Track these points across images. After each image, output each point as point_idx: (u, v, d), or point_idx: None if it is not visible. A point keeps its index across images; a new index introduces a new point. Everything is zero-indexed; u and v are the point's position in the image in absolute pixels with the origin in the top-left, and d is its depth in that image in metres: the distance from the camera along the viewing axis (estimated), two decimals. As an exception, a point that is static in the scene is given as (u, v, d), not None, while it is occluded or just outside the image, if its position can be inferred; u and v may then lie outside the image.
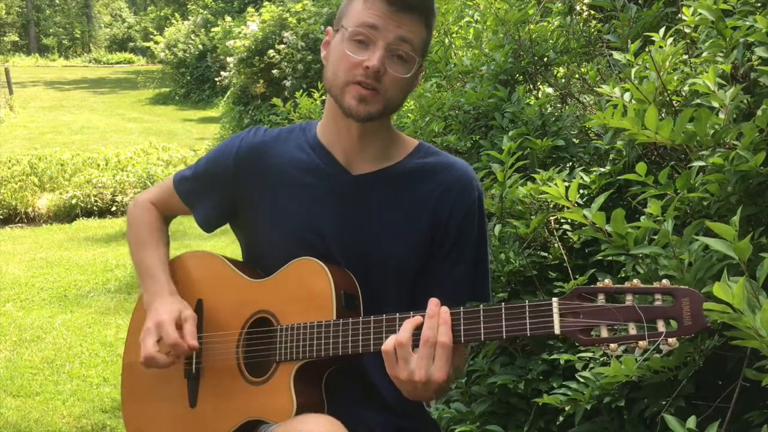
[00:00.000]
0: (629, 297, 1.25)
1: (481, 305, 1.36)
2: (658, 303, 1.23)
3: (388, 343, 1.37)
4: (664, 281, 1.25)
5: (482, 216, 1.68)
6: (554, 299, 1.30)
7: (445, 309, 1.37)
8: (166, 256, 1.79)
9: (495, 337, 1.34)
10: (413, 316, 1.39)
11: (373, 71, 1.48)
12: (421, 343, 1.35)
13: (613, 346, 1.24)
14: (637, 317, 1.23)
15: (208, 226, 1.78)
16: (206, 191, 1.74)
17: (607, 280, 1.29)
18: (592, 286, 1.30)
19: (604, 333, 1.26)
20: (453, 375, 1.39)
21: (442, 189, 1.62)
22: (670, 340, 1.20)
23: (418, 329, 1.36)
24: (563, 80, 3.07)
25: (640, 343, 1.22)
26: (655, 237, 1.68)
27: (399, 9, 1.49)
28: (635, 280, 1.28)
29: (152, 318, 1.63)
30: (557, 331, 1.28)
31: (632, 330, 1.24)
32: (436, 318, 1.36)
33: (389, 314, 1.43)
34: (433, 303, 1.38)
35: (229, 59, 14.52)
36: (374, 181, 1.62)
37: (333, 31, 1.59)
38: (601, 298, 1.27)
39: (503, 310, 1.33)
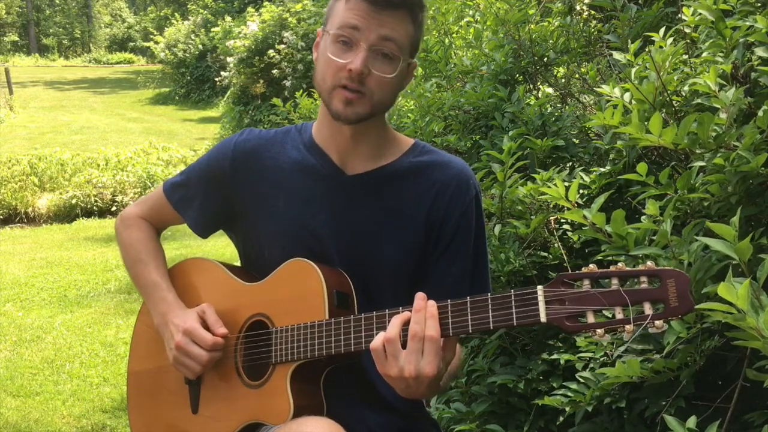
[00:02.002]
0: (615, 281, 1.23)
1: (468, 297, 1.35)
2: (644, 285, 1.21)
3: (377, 341, 1.36)
4: (649, 263, 1.23)
5: (480, 213, 1.67)
6: (539, 287, 1.28)
7: (431, 303, 1.36)
8: (166, 271, 1.78)
9: (483, 328, 1.33)
10: (402, 312, 1.39)
11: (356, 73, 1.47)
12: (408, 338, 1.34)
13: (599, 331, 1.22)
14: (623, 301, 1.21)
15: (203, 230, 1.76)
16: (200, 196, 1.72)
17: (592, 265, 1.27)
18: (576, 272, 1.28)
19: (590, 318, 1.24)
20: (444, 369, 1.38)
21: (438, 187, 1.62)
22: (657, 322, 1.18)
23: (407, 325, 1.36)
24: (563, 80, 3.07)
25: (627, 326, 1.20)
26: (655, 238, 1.68)
27: (381, 7, 1.47)
28: (620, 264, 1.26)
29: (177, 331, 1.63)
30: (543, 318, 1.26)
31: (618, 314, 1.22)
32: (423, 312, 1.35)
33: (379, 311, 1.43)
34: (419, 297, 1.37)
35: (229, 59, 14.53)
36: (369, 180, 1.62)
37: (321, 32, 1.58)
38: (586, 284, 1.25)
39: (489, 301, 1.32)
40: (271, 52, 12.83)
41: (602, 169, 2.28)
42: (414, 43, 1.56)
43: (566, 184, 1.88)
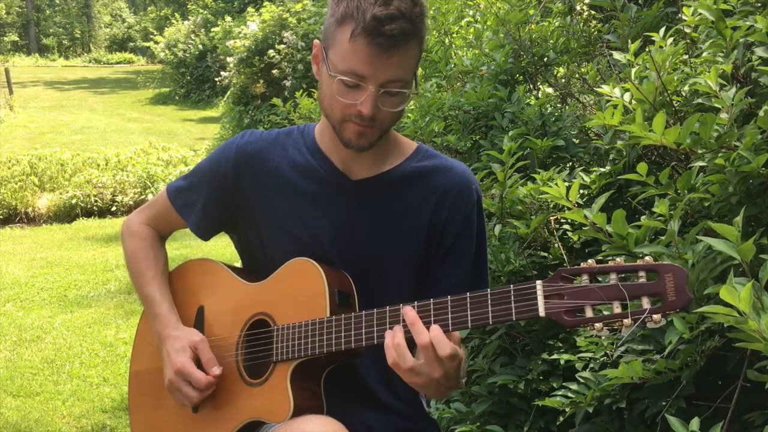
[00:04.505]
0: (613, 276, 1.24)
1: (468, 293, 1.36)
2: (642, 280, 1.22)
3: (401, 369, 1.37)
4: (647, 258, 1.24)
5: (481, 219, 1.67)
6: (538, 282, 1.29)
7: (435, 327, 1.35)
8: (163, 280, 1.77)
9: (482, 323, 1.34)
10: (403, 307, 1.40)
11: (367, 117, 1.46)
12: (420, 351, 1.35)
13: (598, 325, 1.23)
14: (621, 295, 1.22)
15: (205, 233, 1.76)
16: (202, 199, 1.72)
17: (590, 261, 1.28)
18: (575, 267, 1.29)
19: (589, 313, 1.25)
20: (461, 350, 1.40)
21: (440, 193, 1.62)
22: (655, 316, 1.19)
23: (408, 334, 1.37)
24: (563, 80, 3.07)
25: (625, 321, 1.21)
26: (656, 237, 1.67)
27: (387, 50, 1.41)
28: (618, 259, 1.26)
29: (170, 368, 1.63)
30: (542, 313, 1.27)
31: (616, 308, 1.22)
32: (418, 323, 1.36)
33: (380, 308, 1.44)
34: (408, 312, 1.38)
35: (229, 59, 14.52)
36: (373, 185, 1.62)
37: (321, 48, 1.52)
38: (585, 279, 1.26)
39: (489, 296, 1.33)
40: (271, 52, 12.82)
41: (602, 169, 2.28)
42: (418, 63, 1.53)
43: (567, 184, 1.88)
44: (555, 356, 2.13)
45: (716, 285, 1.45)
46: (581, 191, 2.20)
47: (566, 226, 2.29)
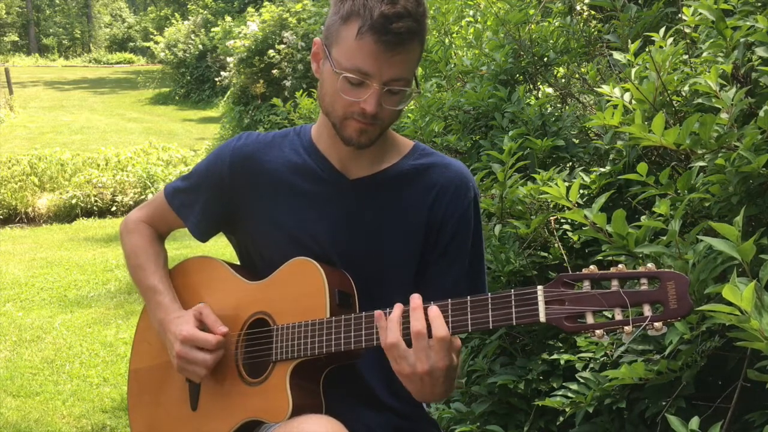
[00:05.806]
0: (615, 282, 1.24)
1: (468, 296, 1.36)
2: (644, 287, 1.22)
3: (383, 345, 1.37)
4: (650, 265, 1.24)
5: (478, 216, 1.68)
6: (539, 287, 1.29)
7: (434, 308, 1.36)
8: (165, 274, 1.77)
9: (482, 327, 1.34)
10: (398, 311, 1.39)
11: (371, 115, 1.47)
12: (413, 338, 1.35)
13: (598, 332, 1.23)
14: (622, 302, 1.22)
15: (203, 234, 1.76)
16: (200, 201, 1.72)
17: (592, 267, 1.27)
18: (577, 272, 1.29)
19: (590, 319, 1.24)
20: (457, 360, 1.38)
21: (438, 190, 1.62)
22: (656, 324, 1.19)
23: (407, 321, 1.36)
24: (563, 80, 3.07)
25: (626, 328, 1.21)
26: (656, 237, 1.67)
27: (392, 48, 1.42)
28: (620, 265, 1.26)
29: (175, 340, 1.62)
30: (542, 318, 1.27)
31: (618, 315, 1.22)
32: (420, 310, 1.36)
33: (381, 310, 1.43)
34: (414, 297, 1.38)
35: (229, 59, 14.53)
36: (371, 184, 1.62)
37: (323, 45, 1.52)
38: (586, 285, 1.26)
39: (489, 300, 1.33)
40: (271, 52, 12.83)
41: (602, 169, 2.28)
42: (420, 59, 1.53)
43: (567, 184, 1.88)
44: (555, 356, 2.12)
45: (716, 285, 1.45)
46: (581, 191, 2.20)
47: (566, 226, 2.29)
